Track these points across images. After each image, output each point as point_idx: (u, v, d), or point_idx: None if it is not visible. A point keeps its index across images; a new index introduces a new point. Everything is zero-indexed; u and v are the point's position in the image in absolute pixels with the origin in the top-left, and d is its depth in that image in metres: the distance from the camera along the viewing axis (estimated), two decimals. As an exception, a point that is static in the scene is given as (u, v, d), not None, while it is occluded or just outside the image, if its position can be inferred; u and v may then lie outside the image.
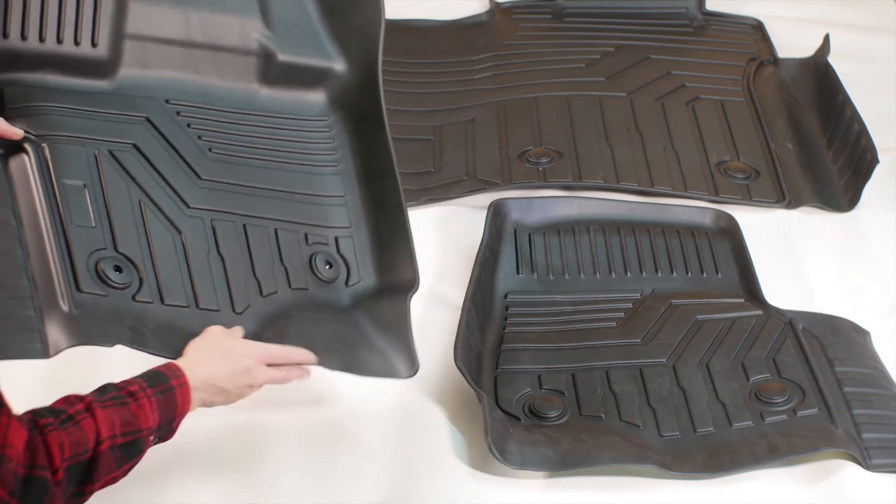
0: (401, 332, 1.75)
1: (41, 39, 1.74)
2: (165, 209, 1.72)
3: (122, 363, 1.61)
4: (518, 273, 2.13)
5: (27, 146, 1.67)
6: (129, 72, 1.80)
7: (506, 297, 2.08)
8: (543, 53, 2.79)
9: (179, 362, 1.52)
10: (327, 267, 1.79)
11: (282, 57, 1.87)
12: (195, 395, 1.50)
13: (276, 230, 1.78)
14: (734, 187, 2.35)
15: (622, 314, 2.04)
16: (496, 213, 2.17)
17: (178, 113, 1.80)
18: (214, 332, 1.59)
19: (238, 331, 1.62)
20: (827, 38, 2.69)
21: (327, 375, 1.88)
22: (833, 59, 2.62)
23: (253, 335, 1.67)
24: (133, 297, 1.66)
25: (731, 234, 2.21)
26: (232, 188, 1.78)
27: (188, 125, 1.80)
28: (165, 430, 1.47)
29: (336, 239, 1.81)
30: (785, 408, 1.82)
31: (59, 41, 1.74)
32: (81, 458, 1.35)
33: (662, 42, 2.82)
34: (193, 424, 1.77)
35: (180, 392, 1.48)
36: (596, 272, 2.13)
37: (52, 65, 1.75)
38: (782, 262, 2.19)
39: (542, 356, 1.94)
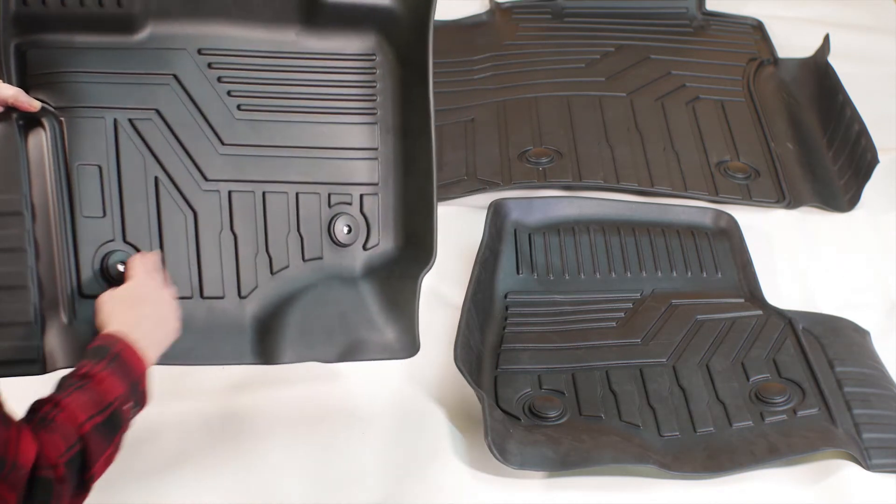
0: (407, 309, 1.72)
1: (63, 3, 1.66)
2: (182, 185, 1.69)
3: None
4: (518, 273, 2.13)
5: (45, 121, 1.63)
6: (158, 24, 1.71)
7: (506, 297, 2.08)
8: (543, 53, 2.79)
9: (109, 330, 1.49)
10: (346, 230, 1.75)
11: None
12: (140, 342, 1.48)
13: (297, 195, 1.74)
14: (734, 187, 2.35)
15: (622, 314, 2.04)
16: (496, 213, 2.17)
17: (209, 65, 1.73)
18: (111, 292, 1.56)
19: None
20: (827, 38, 2.69)
21: (327, 376, 1.89)
22: (833, 59, 2.62)
23: (253, 321, 1.66)
24: None
25: (731, 234, 2.21)
26: (256, 151, 1.73)
27: (219, 78, 1.73)
28: (137, 396, 1.45)
29: (361, 197, 1.76)
30: (785, 408, 1.82)
31: (82, 3, 1.67)
32: (73, 450, 1.34)
33: (662, 42, 2.82)
34: (193, 424, 1.78)
35: (126, 353, 1.46)
36: (596, 272, 2.14)
37: (77, 26, 1.68)
38: (782, 262, 2.19)
39: (542, 356, 1.94)
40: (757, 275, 2.11)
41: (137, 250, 1.65)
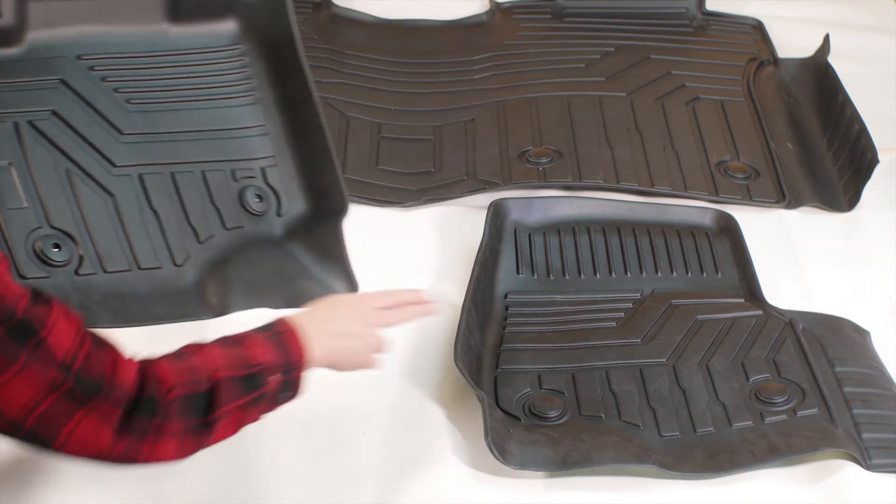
0: (337, 255, 1.80)
1: None
2: (93, 173, 1.75)
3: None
4: (518, 273, 2.12)
5: None
6: (36, 34, 1.78)
7: (506, 297, 2.08)
8: (543, 53, 2.79)
9: (285, 318, 1.47)
10: (257, 200, 1.82)
11: None
12: (311, 337, 1.44)
13: (203, 172, 1.81)
14: (734, 187, 2.35)
15: (622, 314, 2.04)
16: (496, 213, 2.17)
17: (91, 68, 1.80)
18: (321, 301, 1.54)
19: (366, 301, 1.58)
20: (827, 38, 2.69)
21: (326, 376, 1.89)
22: (833, 59, 2.62)
23: (196, 284, 1.69)
24: (76, 272, 1.68)
25: (731, 234, 2.21)
26: (155, 138, 1.81)
27: (103, 79, 1.80)
28: (289, 379, 1.41)
29: (263, 170, 1.84)
30: (785, 408, 1.82)
31: None
32: (196, 387, 1.30)
33: (662, 42, 2.82)
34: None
35: (289, 336, 1.42)
36: (596, 272, 2.13)
37: None
38: (782, 262, 2.19)
39: (542, 356, 1.94)
40: (757, 275, 2.11)
41: (66, 234, 1.68)
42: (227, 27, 1.89)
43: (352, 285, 1.79)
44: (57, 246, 1.67)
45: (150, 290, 1.73)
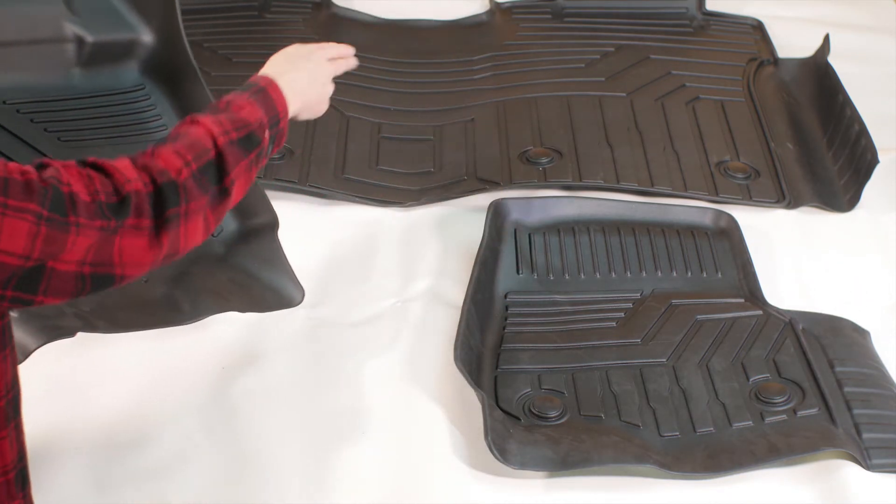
0: (280, 265, 1.87)
1: None
2: None
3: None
4: (518, 273, 2.12)
5: None
6: None
7: (506, 297, 2.08)
8: (543, 53, 2.79)
9: (260, 73, 1.53)
10: None
11: (91, 38, 1.96)
12: (287, 89, 1.50)
13: None
14: (734, 187, 2.35)
15: (622, 314, 2.04)
16: (496, 213, 2.17)
17: (17, 111, 1.90)
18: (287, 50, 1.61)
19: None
20: (827, 38, 2.69)
21: (326, 376, 1.89)
22: (833, 59, 2.62)
23: (166, 296, 1.80)
24: None
25: (731, 234, 2.21)
26: None
27: (31, 120, 1.90)
28: (276, 131, 1.47)
29: None
30: (785, 408, 1.82)
31: None
32: (206, 157, 1.33)
33: (662, 42, 2.82)
34: (193, 424, 1.78)
35: (272, 90, 1.48)
36: (596, 272, 2.13)
37: None
38: (782, 262, 2.19)
39: (542, 356, 1.94)
40: (757, 275, 2.11)
41: None
42: (130, 68, 2.00)
43: (299, 292, 1.88)
44: None
45: (129, 302, 1.79)
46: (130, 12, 2.00)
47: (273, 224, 1.90)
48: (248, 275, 1.88)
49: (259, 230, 1.91)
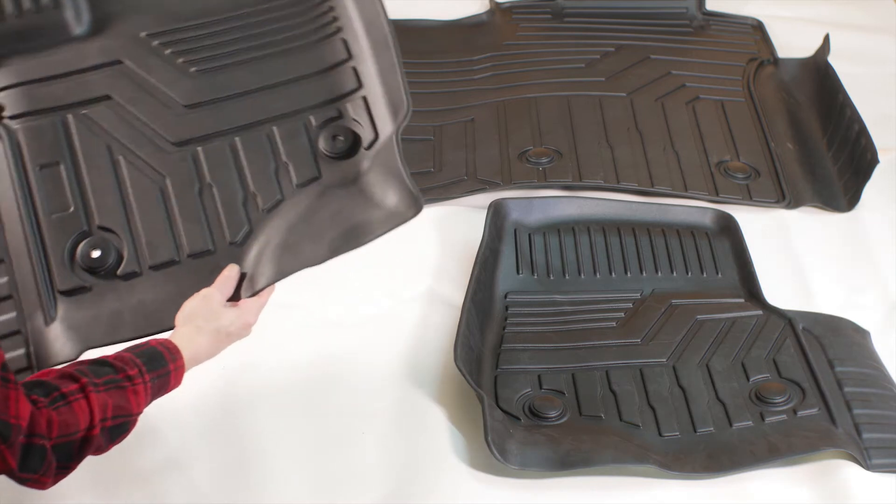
0: (394, 172, 1.68)
1: (2, 19, 1.72)
2: (147, 157, 1.70)
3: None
4: (518, 273, 2.12)
5: (1, 130, 1.67)
6: (96, 16, 1.76)
7: (506, 297, 2.08)
8: (543, 53, 2.79)
9: (176, 341, 1.52)
10: (340, 140, 1.73)
11: None
12: (193, 362, 1.53)
13: (274, 129, 1.73)
14: (734, 187, 2.35)
15: (622, 314, 2.04)
16: (496, 213, 2.17)
17: (155, 43, 1.76)
18: (199, 305, 1.58)
19: (228, 286, 1.61)
20: (827, 38, 2.69)
21: (327, 376, 1.89)
22: (833, 59, 2.62)
23: (244, 264, 1.64)
24: (117, 274, 1.65)
25: (731, 234, 2.21)
26: (221, 103, 1.74)
27: (168, 51, 1.76)
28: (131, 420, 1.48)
29: (347, 106, 1.75)
30: (785, 408, 1.82)
31: (20, 15, 1.73)
32: (71, 438, 1.37)
33: (662, 42, 2.82)
34: (193, 424, 1.78)
35: (175, 376, 1.49)
36: (596, 272, 2.13)
37: (19, 36, 1.72)
38: (782, 262, 2.19)
39: (542, 356, 1.94)
40: (757, 275, 2.11)
41: (111, 231, 1.65)
42: None
43: (415, 203, 1.65)
44: (98, 248, 1.64)
45: (192, 282, 1.64)
46: None
47: (403, 113, 1.71)
48: (359, 197, 1.68)
49: (395, 131, 1.72)
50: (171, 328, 1.57)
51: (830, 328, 2.01)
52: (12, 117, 1.68)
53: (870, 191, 2.31)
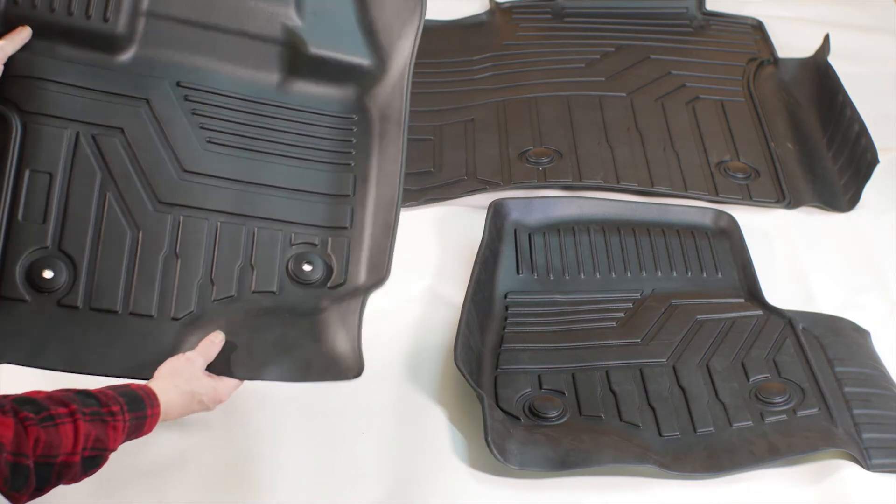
0: (351, 329, 1.68)
1: (51, 9, 1.71)
2: (130, 203, 1.69)
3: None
4: (518, 273, 2.13)
5: (11, 120, 1.66)
6: (142, 50, 1.76)
7: (506, 297, 2.08)
8: (543, 53, 2.79)
9: (157, 390, 1.56)
10: (308, 268, 1.74)
11: (312, 49, 1.81)
12: (167, 414, 1.58)
13: (256, 229, 1.74)
14: (734, 187, 2.35)
15: (622, 314, 2.04)
16: (496, 213, 2.17)
17: (185, 97, 1.76)
18: (182, 365, 1.62)
19: (211, 352, 1.65)
20: (827, 38, 2.69)
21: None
22: (833, 59, 2.62)
23: (174, 343, 1.65)
24: (58, 302, 1.64)
25: (731, 234, 2.21)
26: (218, 183, 1.74)
27: (192, 111, 1.76)
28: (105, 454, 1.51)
29: (328, 238, 1.76)
30: (785, 408, 1.82)
31: (70, 13, 1.72)
32: (52, 460, 1.38)
33: (662, 42, 2.82)
34: (193, 424, 1.78)
35: (150, 421, 1.54)
36: (596, 272, 2.14)
37: (62, 35, 1.72)
38: (782, 262, 2.19)
39: (542, 356, 1.94)
40: (757, 275, 2.11)
41: (70, 259, 1.65)
42: (344, 94, 1.83)
43: (357, 362, 1.66)
44: (51, 269, 1.63)
45: (133, 339, 1.65)
46: (365, 37, 1.83)
47: (380, 283, 1.72)
48: (308, 336, 1.69)
49: (364, 288, 1.72)
50: (86, 373, 1.60)
51: (830, 328, 2.01)
52: (27, 112, 1.68)
53: (870, 191, 2.31)
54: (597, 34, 2.85)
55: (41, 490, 1.40)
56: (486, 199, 2.23)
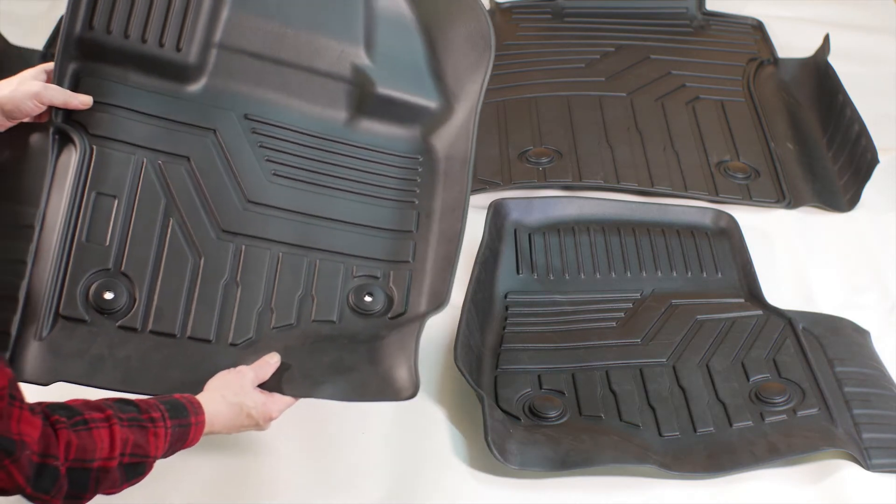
0: (408, 351, 1.67)
1: (126, 36, 1.72)
2: (193, 229, 1.71)
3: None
4: (518, 273, 2.12)
5: (78, 143, 1.67)
6: (212, 81, 1.78)
7: (506, 297, 2.08)
8: (543, 53, 2.79)
9: (202, 399, 1.53)
10: (369, 299, 1.75)
11: (380, 89, 1.83)
12: (212, 427, 1.54)
13: (318, 261, 1.75)
14: (734, 187, 2.35)
15: (622, 314, 2.04)
16: (496, 213, 2.17)
17: (253, 130, 1.78)
18: (232, 378, 1.59)
19: (265, 371, 1.63)
20: (827, 38, 2.69)
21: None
22: (833, 59, 2.62)
23: (232, 367, 1.63)
24: (118, 323, 1.65)
25: (731, 234, 2.21)
26: (281, 214, 1.76)
27: (259, 144, 1.77)
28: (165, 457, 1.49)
29: (390, 272, 1.77)
30: (785, 408, 1.82)
31: (144, 41, 1.73)
32: (86, 465, 1.36)
33: (662, 42, 2.82)
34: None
35: (195, 430, 1.50)
36: (596, 272, 2.13)
37: (134, 62, 1.74)
38: (782, 262, 2.19)
39: (542, 356, 1.94)
40: (757, 275, 2.11)
41: (131, 282, 1.66)
42: (409, 134, 1.85)
43: (413, 381, 1.63)
44: (112, 291, 1.64)
45: (179, 362, 1.65)
46: (433, 79, 1.86)
47: (438, 309, 1.72)
48: (363, 358, 1.68)
49: (423, 315, 1.72)
50: (140, 393, 1.57)
51: (830, 328, 2.01)
52: (95, 136, 1.69)
53: (870, 191, 2.31)
54: (597, 34, 2.85)
55: (79, 497, 1.38)
56: (486, 198, 2.23)
